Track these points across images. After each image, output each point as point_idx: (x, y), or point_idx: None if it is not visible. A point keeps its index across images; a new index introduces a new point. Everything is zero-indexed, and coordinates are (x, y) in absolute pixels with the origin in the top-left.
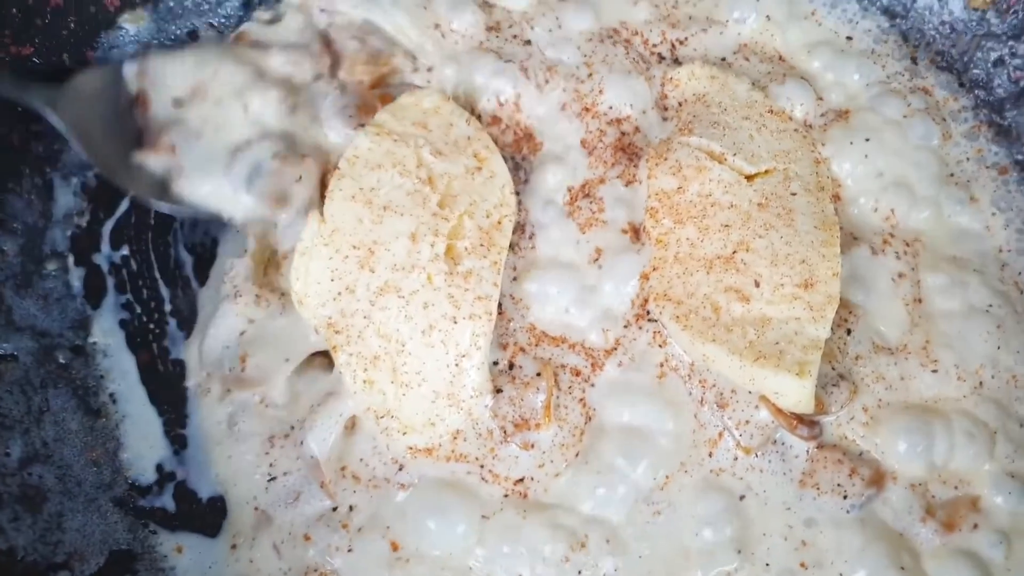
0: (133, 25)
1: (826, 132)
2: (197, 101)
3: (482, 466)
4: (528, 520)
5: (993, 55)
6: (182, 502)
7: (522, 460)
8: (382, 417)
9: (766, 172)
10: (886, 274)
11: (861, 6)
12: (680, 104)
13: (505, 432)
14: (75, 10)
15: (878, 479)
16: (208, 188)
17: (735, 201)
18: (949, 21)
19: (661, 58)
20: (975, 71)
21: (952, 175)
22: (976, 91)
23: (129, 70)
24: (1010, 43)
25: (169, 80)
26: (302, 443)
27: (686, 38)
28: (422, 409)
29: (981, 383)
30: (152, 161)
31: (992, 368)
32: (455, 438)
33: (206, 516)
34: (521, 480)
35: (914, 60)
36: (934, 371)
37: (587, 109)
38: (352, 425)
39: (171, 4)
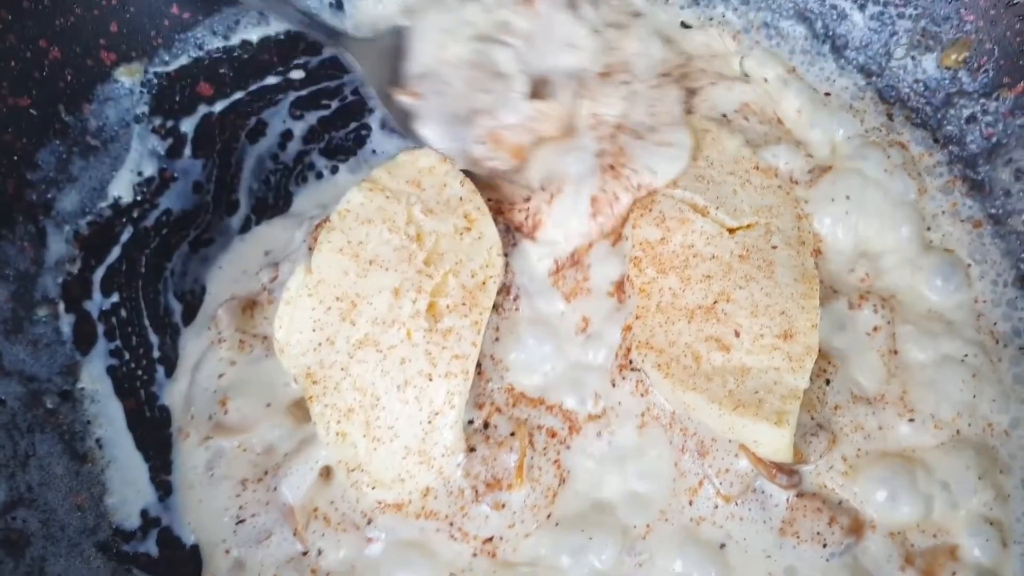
0: (128, 78)
1: (810, 188)
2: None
3: (451, 524)
4: None
5: (965, 112)
6: (166, 548)
7: (492, 519)
8: (352, 470)
9: (748, 226)
10: (863, 327)
11: (838, 64)
12: None
13: (476, 491)
14: (72, 63)
15: (857, 528)
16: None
17: (717, 252)
18: (923, 79)
19: None
20: (949, 127)
21: (929, 228)
22: (950, 147)
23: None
24: (981, 100)
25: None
26: (275, 489)
27: (697, 89)
28: (392, 465)
29: (958, 431)
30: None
31: (969, 416)
32: (425, 495)
33: (189, 562)
34: (490, 539)
35: (890, 116)
36: (911, 420)
37: None
38: (327, 474)
39: (166, 58)
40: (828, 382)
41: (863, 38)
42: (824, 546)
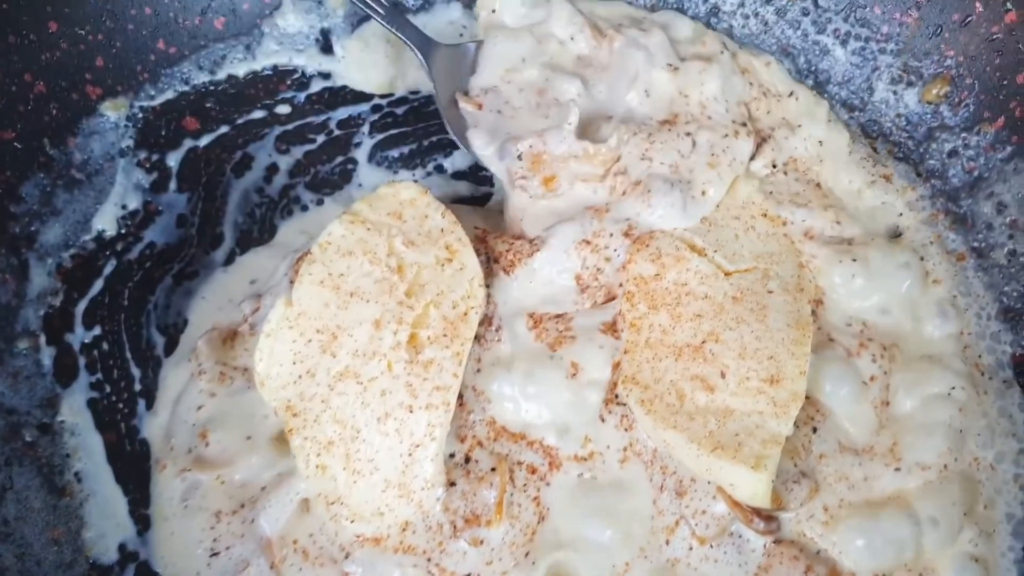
0: (114, 112)
1: (823, 247)
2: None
3: (429, 559)
4: None
5: (947, 146)
6: None
7: (470, 556)
8: (332, 503)
9: (746, 269)
10: (858, 377)
11: (823, 99)
12: None
13: (455, 527)
14: (57, 97)
15: None
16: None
17: (710, 293)
18: (905, 114)
19: None
20: (931, 161)
21: (922, 258)
22: (933, 180)
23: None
24: (963, 135)
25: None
26: (253, 521)
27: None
28: (372, 498)
29: (946, 466)
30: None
31: (956, 452)
32: (404, 529)
33: None
34: None
35: (874, 149)
36: (897, 469)
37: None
38: (306, 507)
39: (152, 92)
40: (815, 430)
41: (845, 73)
42: None
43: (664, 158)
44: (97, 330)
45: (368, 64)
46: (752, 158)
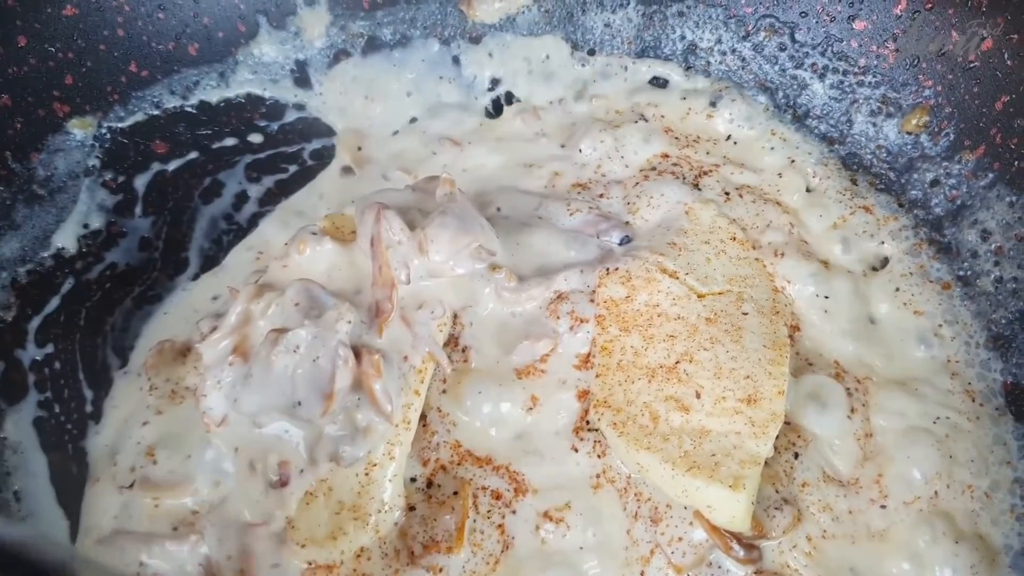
0: (81, 131)
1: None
2: None
3: None
4: None
5: (929, 176)
6: None
7: None
8: (282, 528)
9: (719, 292)
10: (840, 405)
11: (801, 134)
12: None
13: (412, 553)
14: (23, 112)
15: None
16: None
17: (683, 313)
18: (885, 145)
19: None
20: (913, 192)
21: (898, 289)
22: (915, 210)
23: None
24: (944, 164)
25: None
26: (191, 547)
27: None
28: (324, 520)
29: (936, 493)
30: None
31: (948, 478)
32: (358, 556)
33: None
34: None
35: (854, 182)
36: (883, 507)
37: None
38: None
39: (121, 114)
40: (797, 456)
41: (824, 107)
42: None
43: None
44: (50, 348)
45: (346, 103)
46: (696, 186)
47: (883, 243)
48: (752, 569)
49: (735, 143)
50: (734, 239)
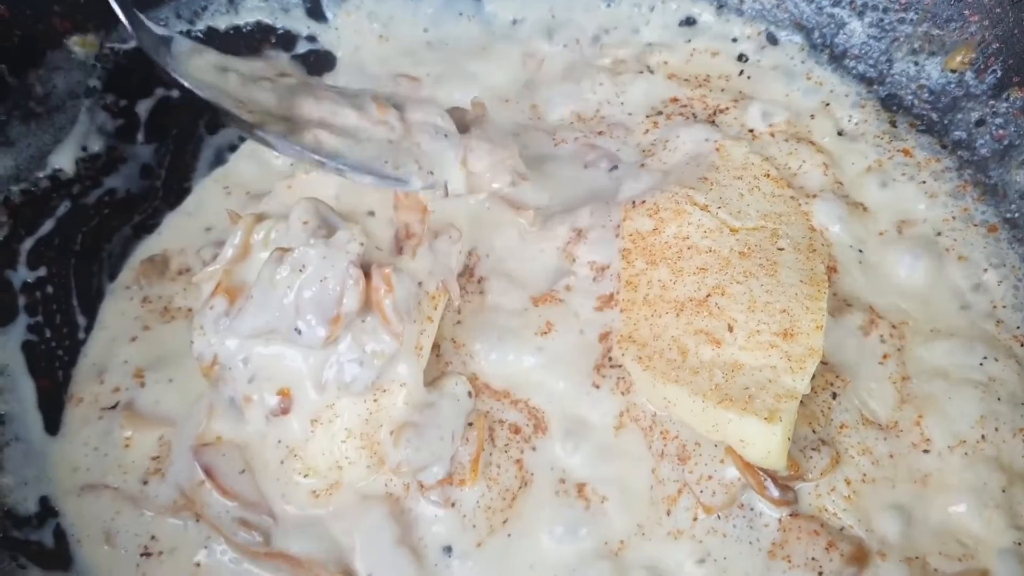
0: (82, 49)
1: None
2: None
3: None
4: None
5: (974, 115)
6: (63, 542)
7: (441, 520)
8: (283, 460)
9: (753, 228)
10: (873, 353)
11: (837, 74)
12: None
13: (422, 485)
14: (20, 24)
15: (860, 557)
16: None
17: (714, 247)
18: (927, 85)
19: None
20: (956, 132)
21: (939, 233)
22: (959, 152)
23: None
24: (990, 102)
25: None
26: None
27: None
28: (330, 449)
29: (983, 436)
30: None
31: (994, 422)
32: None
33: None
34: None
35: (893, 124)
36: (926, 451)
37: None
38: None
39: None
40: (834, 396)
41: (863, 46)
42: (820, 574)
43: None
44: (42, 271)
45: (360, 41)
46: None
47: (924, 183)
48: (787, 511)
49: (749, 78)
50: (768, 176)
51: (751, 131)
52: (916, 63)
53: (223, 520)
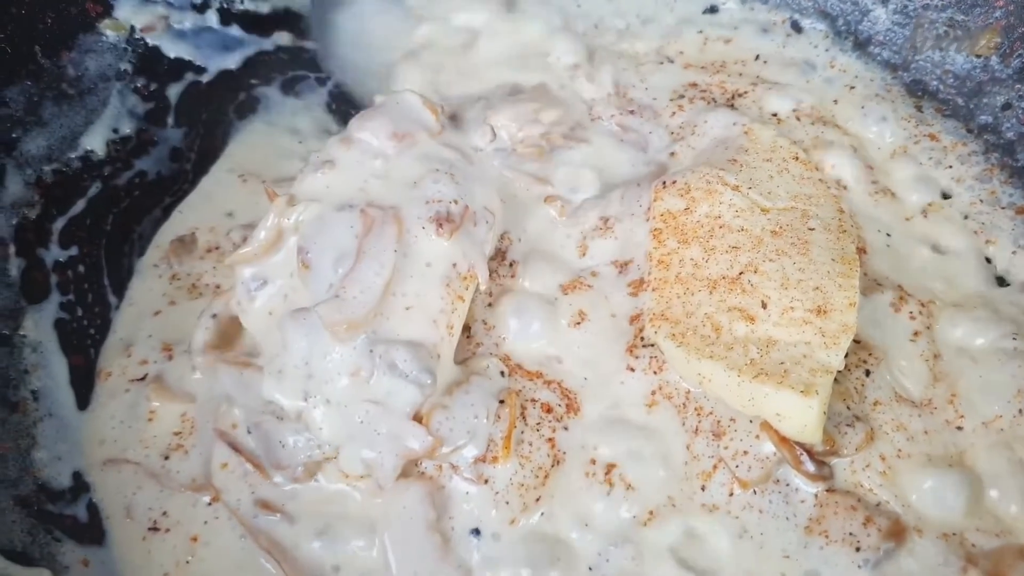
0: (114, 33)
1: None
2: None
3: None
4: None
5: (1000, 99)
6: (97, 515)
7: (474, 497)
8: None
9: (783, 208)
10: (904, 331)
11: (862, 61)
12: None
13: (455, 466)
14: (53, 6)
15: (898, 532)
16: None
17: (746, 226)
18: (952, 70)
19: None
20: (982, 117)
21: (967, 217)
22: (985, 136)
23: None
24: (1016, 86)
25: None
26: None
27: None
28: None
29: (1021, 411)
30: None
31: None
32: None
33: None
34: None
35: (919, 109)
36: (959, 428)
37: None
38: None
39: None
40: (868, 373)
41: (887, 33)
42: (857, 550)
43: None
44: (74, 250)
45: None
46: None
47: (951, 167)
48: (823, 487)
49: (765, 62)
50: (796, 158)
51: (774, 115)
52: (941, 49)
53: (242, 502)
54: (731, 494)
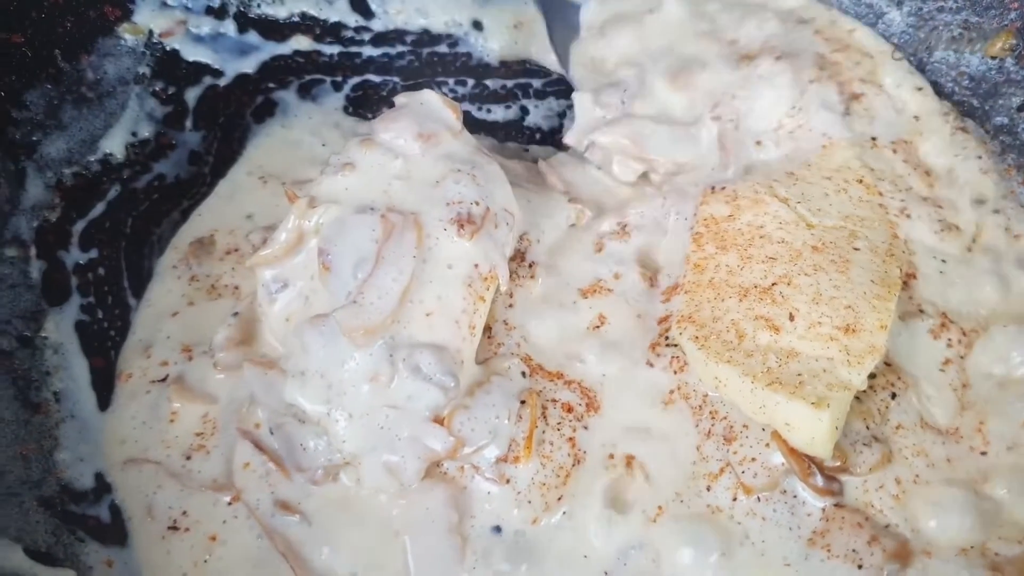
0: (132, 36)
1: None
2: None
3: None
4: None
5: (1015, 101)
6: (119, 516)
7: (496, 497)
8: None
9: (831, 226)
10: (936, 358)
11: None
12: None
13: (476, 467)
14: (74, 11)
15: (903, 555)
16: None
17: (787, 238)
18: (967, 72)
19: None
20: (998, 118)
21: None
22: (1001, 137)
23: None
24: None
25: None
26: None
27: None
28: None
29: None
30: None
31: None
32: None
33: None
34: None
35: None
36: (983, 453)
37: None
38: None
39: None
40: (894, 396)
41: (902, 36)
42: (859, 567)
43: None
44: (94, 253)
45: None
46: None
47: (980, 156)
48: (832, 502)
49: None
50: (861, 181)
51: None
52: (956, 51)
53: (262, 502)
54: (735, 498)
